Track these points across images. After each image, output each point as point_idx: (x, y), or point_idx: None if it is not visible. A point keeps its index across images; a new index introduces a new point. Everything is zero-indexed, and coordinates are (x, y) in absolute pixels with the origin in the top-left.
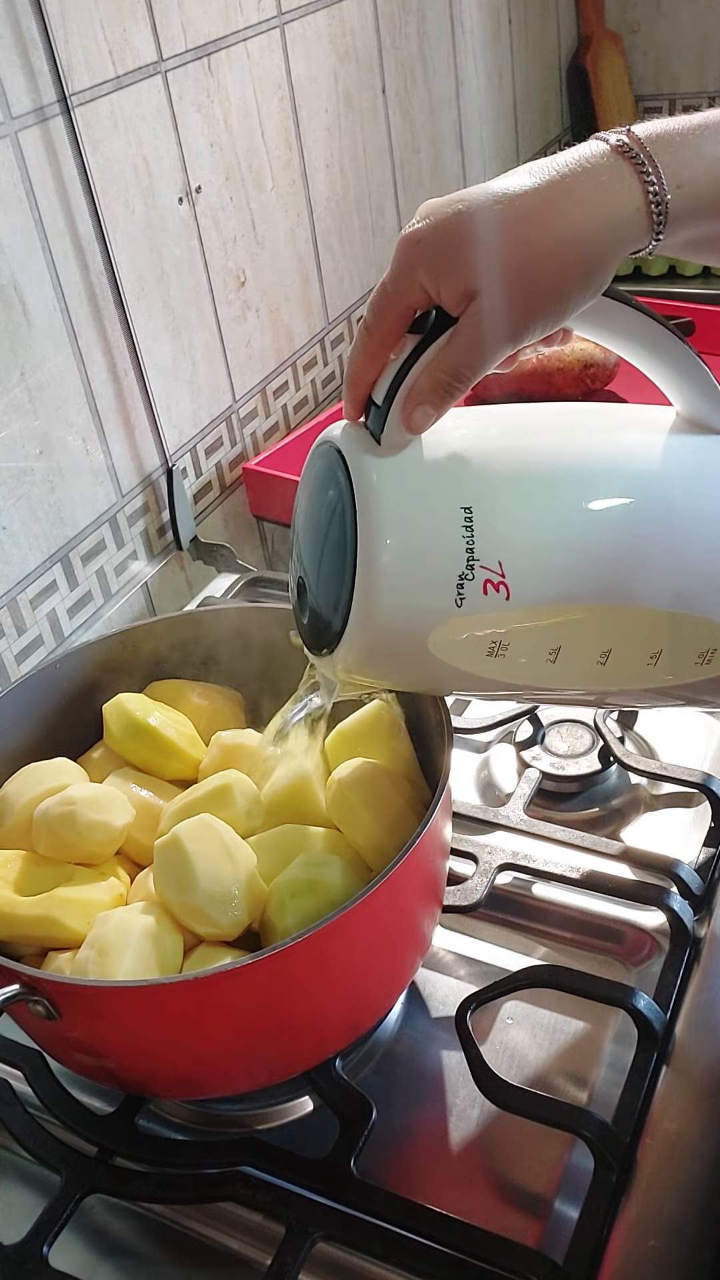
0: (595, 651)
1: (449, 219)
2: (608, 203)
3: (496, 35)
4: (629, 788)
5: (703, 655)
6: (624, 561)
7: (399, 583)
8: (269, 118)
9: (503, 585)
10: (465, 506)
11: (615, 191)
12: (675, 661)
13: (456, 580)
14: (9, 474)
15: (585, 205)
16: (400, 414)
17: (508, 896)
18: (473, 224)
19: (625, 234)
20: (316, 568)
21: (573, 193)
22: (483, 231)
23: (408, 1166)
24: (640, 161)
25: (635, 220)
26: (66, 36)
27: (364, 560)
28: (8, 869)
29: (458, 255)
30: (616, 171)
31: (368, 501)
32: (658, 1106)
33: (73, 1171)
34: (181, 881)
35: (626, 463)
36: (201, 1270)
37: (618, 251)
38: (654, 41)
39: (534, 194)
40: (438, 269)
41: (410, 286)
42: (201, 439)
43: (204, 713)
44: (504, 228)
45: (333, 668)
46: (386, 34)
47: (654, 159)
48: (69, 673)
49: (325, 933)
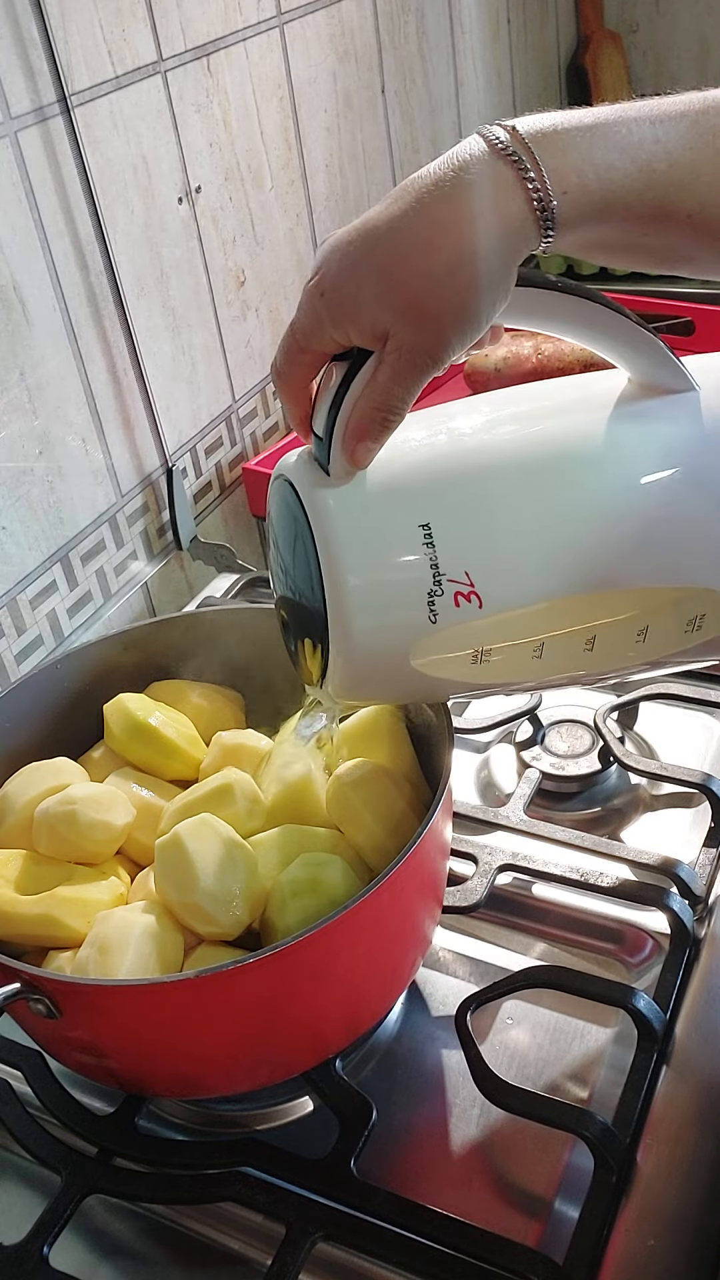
0: (580, 641)
1: (344, 267)
2: (493, 214)
3: (496, 35)
4: (629, 788)
5: (692, 622)
6: (594, 547)
7: (370, 610)
8: (268, 118)
9: (474, 595)
10: (423, 524)
11: (498, 200)
12: (665, 634)
13: (426, 598)
14: (9, 474)
15: (470, 221)
16: (344, 450)
17: (508, 897)
18: (366, 266)
19: (515, 241)
20: (292, 602)
21: (456, 208)
22: (377, 273)
23: (408, 1166)
24: (520, 163)
25: (523, 226)
26: (66, 36)
27: (331, 592)
28: (8, 868)
29: (358, 303)
30: (497, 176)
31: (325, 534)
32: (658, 1106)
33: (73, 1171)
34: (182, 881)
35: (580, 446)
36: (201, 1270)
37: (512, 258)
38: (653, 41)
39: (418, 218)
40: (343, 320)
41: (321, 337)
42: (201, 439)
43: (204, 713)
44: (396, 262)
45: (325, 695)
46: (386, 34)
47: (537, 160)
48: (69, 673)
49: (326, 932)
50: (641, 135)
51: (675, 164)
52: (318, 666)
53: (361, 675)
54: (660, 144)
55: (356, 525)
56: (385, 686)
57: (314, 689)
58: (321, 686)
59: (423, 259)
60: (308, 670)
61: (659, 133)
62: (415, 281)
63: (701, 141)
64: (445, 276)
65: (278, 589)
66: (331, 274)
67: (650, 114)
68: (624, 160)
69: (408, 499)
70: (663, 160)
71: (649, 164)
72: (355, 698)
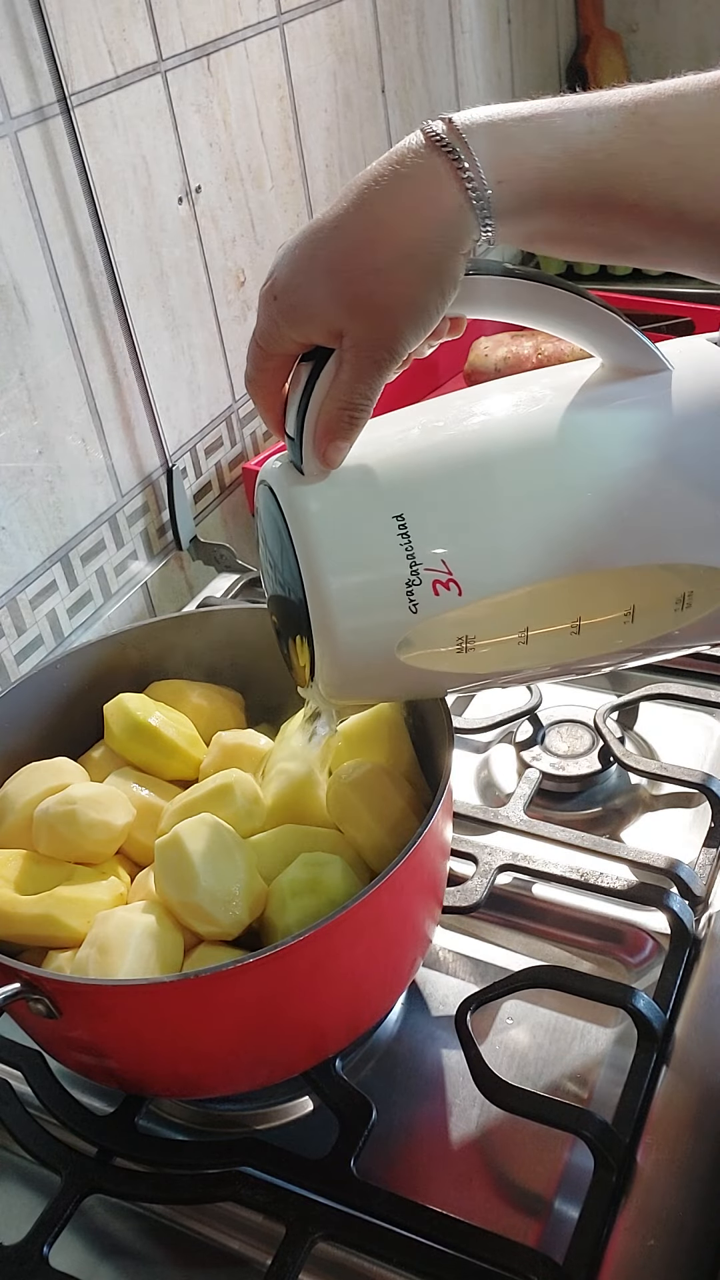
0: (565, 623)
1: (293, 270)
2: (430, 206)
3: (496, 35)
4: (629, 788)
5: (680, 601)
6: (570, 530)
7: (350, 606)
8: (268, 117)
9: (452, 583)
10: (396, 515)
11: (434, 192)
12: (652, 614)
13: (405, 589)
14: (8, 474)
15: (409, 214)
16: (314, 451)
17: (508, 897)
18: (314, 268)
19: (456, 233)
20: (282, 601)
21: (395, 203)
22: (325, 273)
23: (408, 1166)
24: (455, 155)
25: (461, 218)
26: (66, 36)
27: (312, 592)
28: (8, 868)
29: (311, 304)
30: (432, 169)
31: (302, 534)
32: (658, 1106)
33: (73, 1171)
34: (182, 880)
35: (550, 430)
36: (201, 1270)
37: (453, 248)
38: (653, 41)
39: (360, 216)
40: (298, 321)
41: (281, 340)
42: (201, 439)
43: (204, 713)
44: (342, 260)
45: (319, 697)
46: (386, 34)
47: (471, 151)
48: (69, 673)
49: (326, 932)
50: (577, 126)
51: (613, 154)
52: (308, 668)
53: (350, 674)
54: (595, 134)
55: (332, 523)
56: (376, 684)
57: (307, 691)
58: (312, 686)
59: (367, 255)
60: (300, 673)
61: (594, 123)
62: (362, 278)
63: (639, 132)
64: (389, 270)
65: (268, 589)
66: (283, 278)
67: (589, 106)
68: (559, 150)
69: (381, 492)
70: (600, 150)
71: (586, 154)
72: (347, 697)
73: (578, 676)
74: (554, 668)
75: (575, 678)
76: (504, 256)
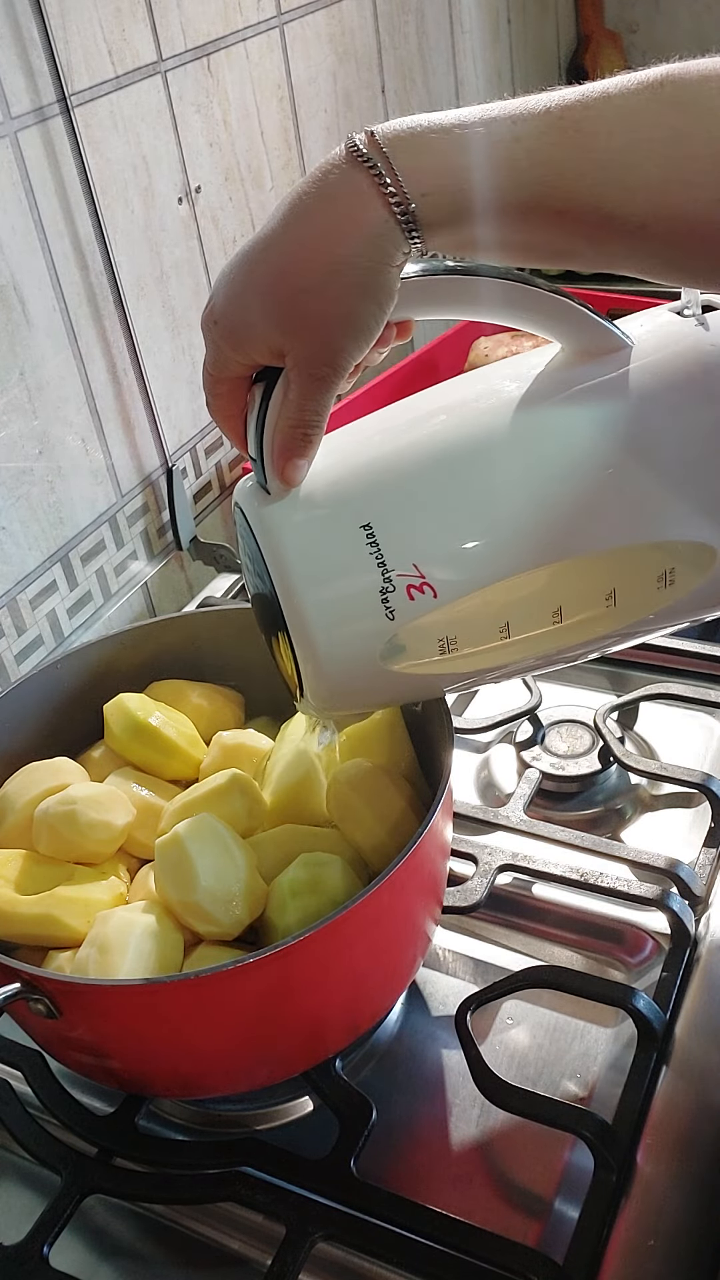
0: (546, 614)
1: (229, 295)
2: (354, 224)
3: (496, 35)
4: (629, 788)
5: (662, 578)
6: (539, 520)
7: (328, 620)
8: (268, 118)
9: (426, 586)
10: (364, 524)
11: (357, 209)
12: (635, 594)
13: (380, 597)
14: (9, 474)
15: (333, 233)
16: (274, 471)
17: (508, 897)
18: (247, 291)
19: (385, 246)
20: (268, 622)
21: (319, 222)
22: (259, 295)
23: (408, 1166)
24: (375, 168)
25: (386, 230)
26: (66, 36)
27: (288, 608)
28: (8, 868)
29: (249, 327)
30: (354, 185)
31: (274, 553)
32: (658, 1106)
33: (73, 1171)
34: (182, 880)
35: (506, 422)
36: (201, 1270)
37: (385, 263)
38: (653, 41)
39: (287, 236)
40: (240, 343)
41: (228, 363)
42: (201, 439)
43: (204, 713)
44: (274, 281)
45: (310, 711)
46: (386, 34)
47: (392, 164)
48: (69, 673)
49: (326, 932)
50: (502, 134)
51: (538, 162)
52: (296, 681)
53: (337, 686)
54: (520, 142)
55: (301, 540)
56: (365, 694)
57: (301, 704)
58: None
59: (297, 275)
60: (290, 683)
61: (518, 130)
62: (294, 298)
63: (564, 138)
64: (320, 289)
65: (256, 609)
66: (220, 302)
67: (514, 113)
68: (482, 160)
69: (346, 503)
70: (525, 158)
71: (509, 161)
72: (338, 709)
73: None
74: (542, 658)
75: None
76: None
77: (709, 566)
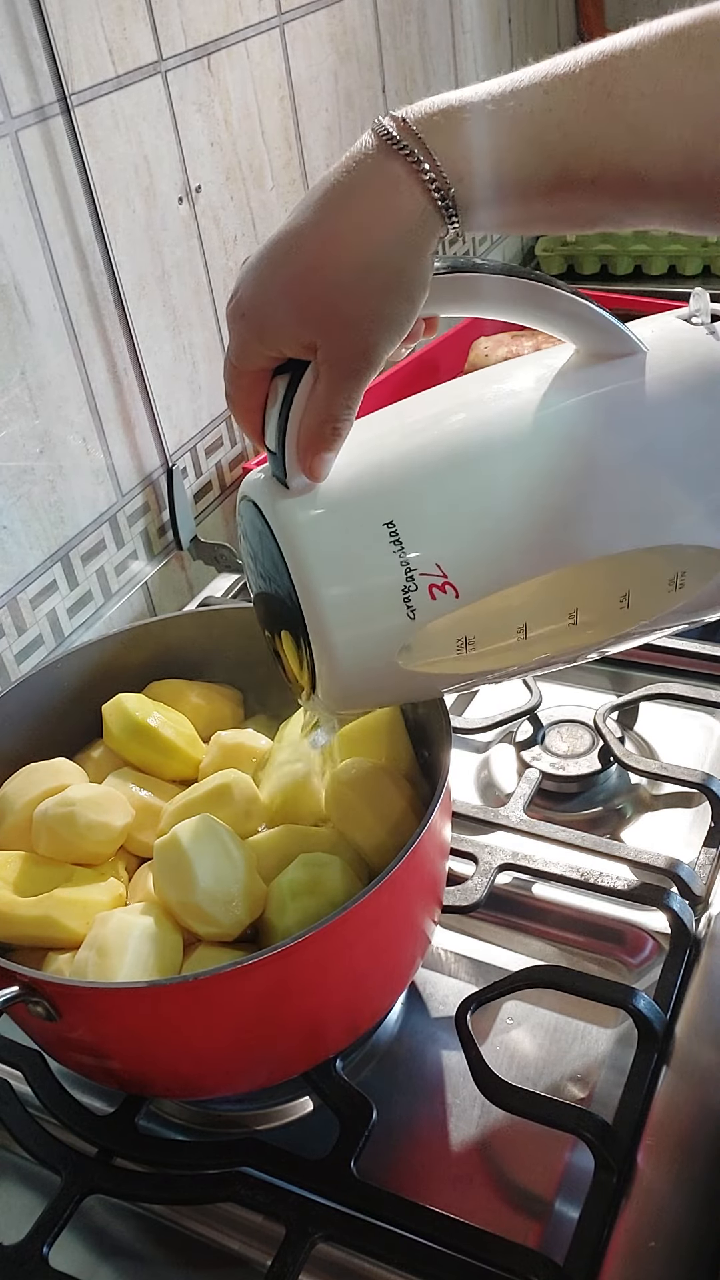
0: (563, 615)
1: (257, 288)
2: (391, 213)
3: (496, 35)
4: (629, 788)
5: (673, 581)
6: (561, 521)
7: (349, 619)
8: (269, 117)
9: (448, 585)
10: (387, 522)
11: (393, 198)
12: (648, 597)
13: (401, 595)
14: (9, 473)
15: (367, 226)
16: (299, 465)
17: (508, 896)
18: (276, 286)
19: (420, 234)
20: (275, 621)
21: (352, 215)
22: (288, 291)
23: (408, 1167)
24: (411, 154)
25: (424, 218)
26: (67, 36)
27: (307, 606)
28: (7, 869)
29: (279, 319)
30: (388, 173)
31: (293, 550)
32: (658, 1106)
33: (73, 1171)
34: (181, 881)
35: (527, 423)
36: (201, 1270)
37: (419, 250)
38: None
39: (317, 231)
40: (269, 336)
41: (255, 356)
42: (202, 439)
43: (203, 712)
44: (305, 276)
45: (320, 709)
46: (387, 33)
47: (428, 148)
48: (69, 673)
49: (325, 933)
50: (533, 105)
51: (570, 133)
52: (308, 682)
53: (353, 685)
54: (552, 113)
55: (323, 536)
56: (376, 691)
57: (308, 703)
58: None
59: (330, 270)
60: (296, 682)
61: (550, 101)
62: (325, 294)
63: (595, 104)
64: (355, 284)
65: (259, 607)
66: (247, 295)
67: (544, 81)
68: (516, 138)
69: (369, 501)
70: (556, 130)
71: (541, 137)
72: (350, 708)
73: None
74: (557, 657)
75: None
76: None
77: (716, 570)
